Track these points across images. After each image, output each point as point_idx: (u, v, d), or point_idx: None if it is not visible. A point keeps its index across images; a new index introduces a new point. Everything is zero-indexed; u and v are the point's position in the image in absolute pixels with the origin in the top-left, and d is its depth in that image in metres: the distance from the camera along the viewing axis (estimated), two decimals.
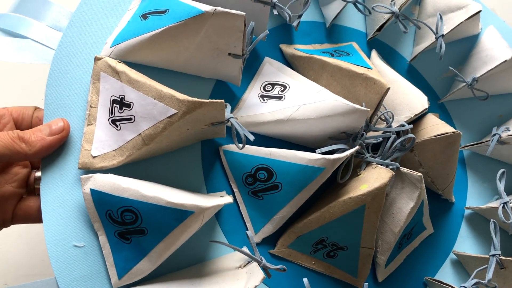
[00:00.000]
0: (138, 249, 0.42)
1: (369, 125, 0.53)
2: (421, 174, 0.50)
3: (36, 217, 0.46)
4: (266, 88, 0.53)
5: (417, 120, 0.60)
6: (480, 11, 0.59)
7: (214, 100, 0.41)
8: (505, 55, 0.60)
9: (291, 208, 0.49)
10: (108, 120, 0.45)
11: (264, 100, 0.52)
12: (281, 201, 0.49)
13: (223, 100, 0.41)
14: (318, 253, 0.52)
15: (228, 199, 0.43)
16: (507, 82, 0.64)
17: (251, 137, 0.44)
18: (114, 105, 0.45)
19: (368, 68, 0.52)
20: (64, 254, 0.42)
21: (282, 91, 0.53)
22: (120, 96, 0.44)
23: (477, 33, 0.66)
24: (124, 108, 0.44)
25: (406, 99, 0.55)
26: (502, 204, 0.58)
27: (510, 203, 0.58)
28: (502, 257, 0.55)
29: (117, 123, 0.44)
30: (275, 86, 0.53)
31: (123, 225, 0.42)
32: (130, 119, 0.43)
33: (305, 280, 0.44)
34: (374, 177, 0.49)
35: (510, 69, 0.61)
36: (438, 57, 0.58)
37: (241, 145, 0.45)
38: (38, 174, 0.49)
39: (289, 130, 0.51)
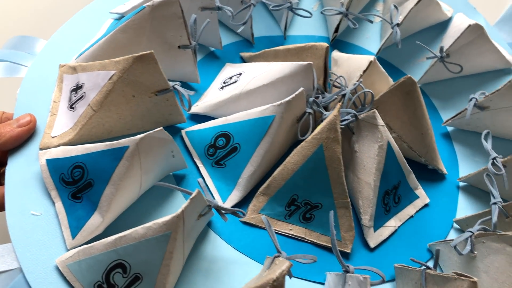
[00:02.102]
0: (89, 205, 0.40)
1: (324, 92, 0.51)
2: (374, 110, 0.46)
3: (2, 204, 0.45)
4: (225, 82, 0.54)
5: None
6: None
7: (144, 52, 0.42)
8: (469, 22, 0.58)
9: (253, 167, 0.46)
10: (67, 107, 0.46)
11: (222, 89, 0.53)
12: (242, 161, 0.46)
13: (152, 51, 0.42)
14: (294, 216, 0.46)
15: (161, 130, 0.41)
16: (481, 56, 0.60)
17: (192, 92, 0.44)
18: (72, 93, 0.46)
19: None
20: (21, 222, 0.40)
21: (237, 77, 0.53)
22: (76, 83, 0.46)
23: (447, 19, 0.65)
24: (78, 90, 0.45)
25: (357, 64, 0.53)
26: (491, 160, 0.52)
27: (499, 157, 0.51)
28: (504, 204, 0.47)
29: (73, 105, 0.45)
30: (233, 77, 0.54)
31: (74, 184, 0.40)
32: (82, 96, 0.44)
33: (263, 217, 0.39)
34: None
35: (480, 39, 0.58)
36: (408, 47, 0.56)
37: (187, 108, 0.45)
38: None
39: (246, 106, 0.50)
